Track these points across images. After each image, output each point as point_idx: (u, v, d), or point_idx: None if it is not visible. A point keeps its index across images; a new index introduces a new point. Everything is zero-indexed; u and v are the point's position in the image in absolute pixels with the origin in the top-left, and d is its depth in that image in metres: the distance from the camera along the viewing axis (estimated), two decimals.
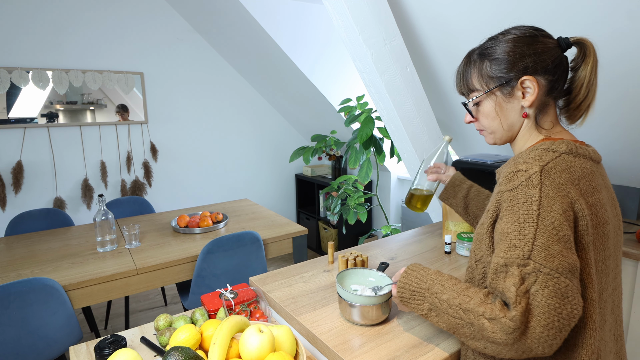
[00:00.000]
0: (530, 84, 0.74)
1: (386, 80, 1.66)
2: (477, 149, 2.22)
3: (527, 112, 0.77)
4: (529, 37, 0.75)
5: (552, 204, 0.65)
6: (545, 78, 0.74)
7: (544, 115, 0.78)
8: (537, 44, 0.74)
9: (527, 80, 0.74)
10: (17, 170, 2.68)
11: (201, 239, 1.93)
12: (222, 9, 2.60)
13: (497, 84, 0.77)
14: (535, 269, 0.62)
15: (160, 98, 3.17)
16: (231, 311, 1.11)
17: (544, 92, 0.75)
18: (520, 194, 0.67)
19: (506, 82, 0.76)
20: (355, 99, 2.75)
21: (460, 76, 0.84)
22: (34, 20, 2.61)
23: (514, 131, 0.81)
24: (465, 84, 0.83)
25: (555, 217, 0.64)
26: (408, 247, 1.54)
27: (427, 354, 0.87)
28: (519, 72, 0.74)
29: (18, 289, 1.37)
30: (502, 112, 0.79)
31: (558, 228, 0.64)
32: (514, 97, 0.77)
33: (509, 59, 0.75)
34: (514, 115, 0.78)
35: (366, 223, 3.60)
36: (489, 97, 0.80)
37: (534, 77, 0.74)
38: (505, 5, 1.38)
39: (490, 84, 0.78)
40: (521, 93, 0.76)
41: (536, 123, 0.78)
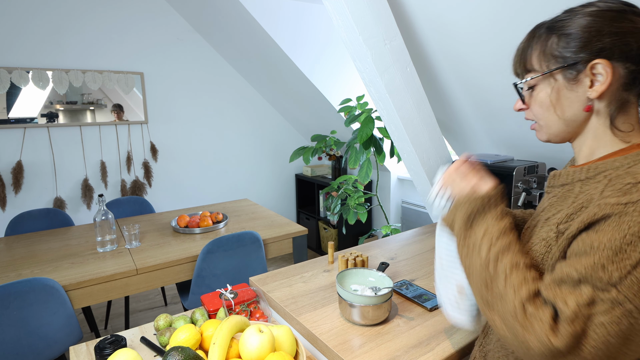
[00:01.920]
0: (603, 70, 0.59)
1: (386, 80, 1.66)
2: (477, 149, 2.22)
3: (592, 106, 0.62)
4: (614, 11, 0.60)
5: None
6: (626, 66, 0.59)
7: (622, 114, 0.62)
8: (623, 21, 0.59)
9: (600, 64, 0.59)
10: (17, 170, 2.68)
11: (201, 239, 1.93)
12: (222, 9, 2.60)
13: (560, 65, 0.62)
14: (616, 300, 0.50)
15: (160, 98, 3.17)
16: (231, 311, 1.11)
17: (620, 85, 0.60)
18: (638, 210, 0.52)
19: (572, 63, 0.61)
20: (355, 99, 2.75)
21: (519, 52, 0.69)
22: (34, 20, 2.61)
23: (575, 127, 0.65)
24: (522, 62, 0.68)
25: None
26: (408, 247, 1.54)
27: (427, 354, 0.87)
28: (591, 54, 0.59)
29: (18, 289, 1.37)
30: (560, 101, 0.64)
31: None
32: (579, 85, 0.62)
33: (581, 36, 0.60)
34: (576, 107, 0.63)
35: (366, 223, 3.60)
36: (546, 81, 0.65)
37: (609, 61, 0.59)
38: (506, 5, 1.38)
39: (551, 64, 0.63)
40: (589, 81, 0.61)
41: (611, 123, 0.62)
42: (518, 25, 1.40)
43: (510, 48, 1.51)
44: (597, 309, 0.51)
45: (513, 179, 1.59)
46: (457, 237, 0.71)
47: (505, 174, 1.62)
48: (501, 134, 1.96)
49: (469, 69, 1.73)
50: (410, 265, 1.37)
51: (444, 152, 1.98)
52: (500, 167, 1.65)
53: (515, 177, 1.59)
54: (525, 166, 1.62)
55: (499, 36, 1.49)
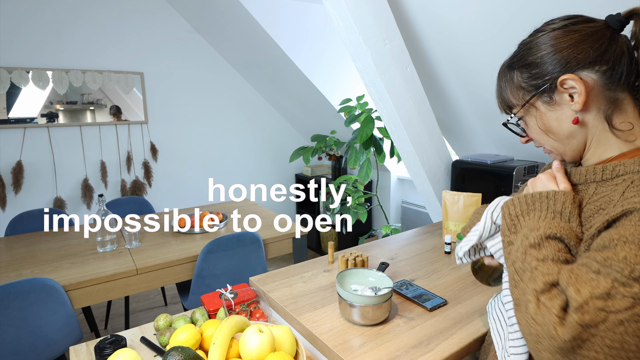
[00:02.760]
0: (574, 83, 0.59)
1: (386, 80, 1.66)
2: (477, 149, 2.22)
3: (580, 117, 0.62)
4: (558, 30, 0.61)
5: None
6: (596, 71, 0.59)
7: (618, 114, 0.61)
8: (569, 34, 0.60)
9: (567, 79, 0.59)
10: (17, 170, 2.67)
11: (201, 239, 1.93)
12: (222, 9, 2.60)
13: (533, 93, 0.64)
14: (636, 296, 0.46)
15: (160, 98, 3.17)
16: (231, 311, 1.11)
17: (600, 87, 0.59)
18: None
19: (542, 88, 0.63)
20: (355, 99, 2.75)
21: (497, 95, 0.71)
22: (34, 20, 2.61)
23: (578, 143, 0.64)
24: (503, 102, 0.70)
25: None
26: (408, 247, 1.54)
27: (427, 354, 0.87)
28: (555, 73, 0.61)
29: (18, 289, 1.37)
30: (549, 124, 0.65)
31: None
32: (560, 104, 0.62)
33: (539, 62, 0.62)
34: (566, 124, 0.63)
35: (366, 223, 3.60)
36: (529, 112, 0.66)
37: (574, 74, 0.59)
38: (506, 5, 1.38)
39: (525, 96, 0.65)
40: (568, 96, 0.61)
41: (610, 126, 0.61)
42: (518, 24, 1.40)
43: (510, 48, 1.50)
44: (614, 303, 0.47)
45: (513, 179, 1.59)
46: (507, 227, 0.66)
47: (505, 174, 1.62)
48: (501, 134, 1.96)
49: (469, 68, 1.73)
50: (410, 265, 1.37)
51: (444, 152, 1.98)
52: (500, 167, 1.65)
53: (515, 177, 1.59)
54: (525, 166, 1.62)
55: (499, 36, 1.49)
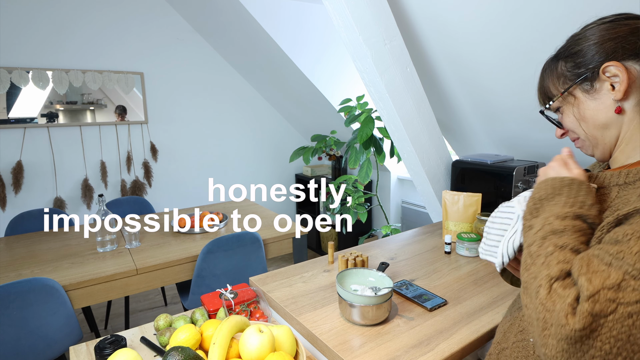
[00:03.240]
0: (617, 70, 0.60)
1: (386, 80, 1.66)
2: (477, 149, 2.22)
3: (622, 106, 0.62)
4: (608, 22, 0.63)
5: None
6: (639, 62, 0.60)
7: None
8: (619, 27, 0.62)
9: (611, 66, 0.61)
10: (17, 170, 2.67)
11: (201, 239, 1.93)
12: (222, 9, 2.60)
13: (574, 81, 0.65)
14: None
15: (160, 98, 3.17)
16: (231, 311, 1.11)
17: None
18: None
19: (585, 76, 0.64)
20: (355, 99, 2.75)
21: (538, 88, 0.73)
22: (34, 20, 2.61)
23: (612, 136, 0.65)
24: (543, 94, 0.71)
25: None
26: (408, 247, 1.54)
27: (427, 354, 0.87)
28: (599, 61, 0.62)
29: (18, 289, 1.37)
30: (585, 114, 0.66)
31: None
32: (600, 92, 0.63)
33: (585, 51, 0.64)
34: (605, 113, 0.64)
35: (366, 223, 3.60)
36: (566, 101, 0.68)
37: (618, 61, 0.61)
38: (508, 5, 1.38)
39: (566, 84, 0.67)
40: (609, 85, 0.62)
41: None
42: (518, 24, 1.40)
43: (510, 47, 1.51)
44: (625, 295, 0.47)
45: (513, 179, 1.59)
46: (529, 212, 0.65)
47: (505, 174, 1.62)
48: (501, 134, 1.96)
49: (469, 68, 1.73)
50: (410, 265, 1.37)
51: (444, 152, 1.98)
52: (500, 167, 1.65)
53: (515, 177, 1.59)
54: (525, 166, 1.62)
55: (499, 36, 1.49)
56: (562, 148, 0.73)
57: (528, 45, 1.45)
